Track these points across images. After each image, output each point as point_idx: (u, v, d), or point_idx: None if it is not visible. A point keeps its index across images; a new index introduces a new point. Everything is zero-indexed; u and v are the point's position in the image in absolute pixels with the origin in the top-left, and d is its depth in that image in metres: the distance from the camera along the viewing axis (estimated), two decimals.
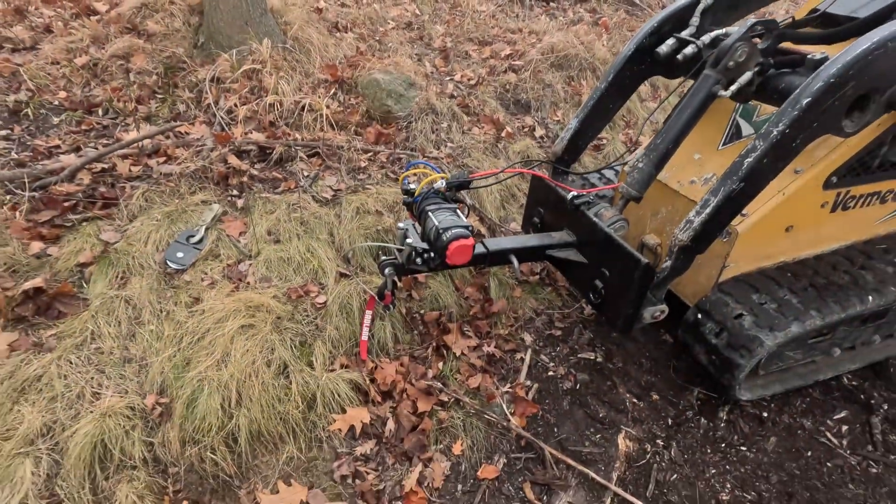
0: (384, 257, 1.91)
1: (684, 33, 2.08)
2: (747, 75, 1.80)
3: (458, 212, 1.91)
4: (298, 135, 2.85)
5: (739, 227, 1.89)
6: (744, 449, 1.95)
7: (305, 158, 2.74)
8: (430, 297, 2.37)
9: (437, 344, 2.22)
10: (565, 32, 4.19)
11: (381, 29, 4.07)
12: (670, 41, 2.06)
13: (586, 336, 2.40)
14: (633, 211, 2.25)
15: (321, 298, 2.14)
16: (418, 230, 1.92)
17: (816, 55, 1.73)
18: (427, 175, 1.99)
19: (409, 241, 1.83)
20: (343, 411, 1.91)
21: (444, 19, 4.48)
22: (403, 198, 2.03)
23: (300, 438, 1.82)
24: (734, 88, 1.80)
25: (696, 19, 2.10)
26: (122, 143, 2.40)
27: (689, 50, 1.97)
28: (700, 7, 2.09)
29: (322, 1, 4.14)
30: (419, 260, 1.85)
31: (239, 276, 2.15)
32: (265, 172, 2.62)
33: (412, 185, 1.99)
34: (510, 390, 2.13)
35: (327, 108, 2.97)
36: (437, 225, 1.80)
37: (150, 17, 3.27)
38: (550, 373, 2.23)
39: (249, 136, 2.72)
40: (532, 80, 3.77)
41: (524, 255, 2.06)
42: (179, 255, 2.12)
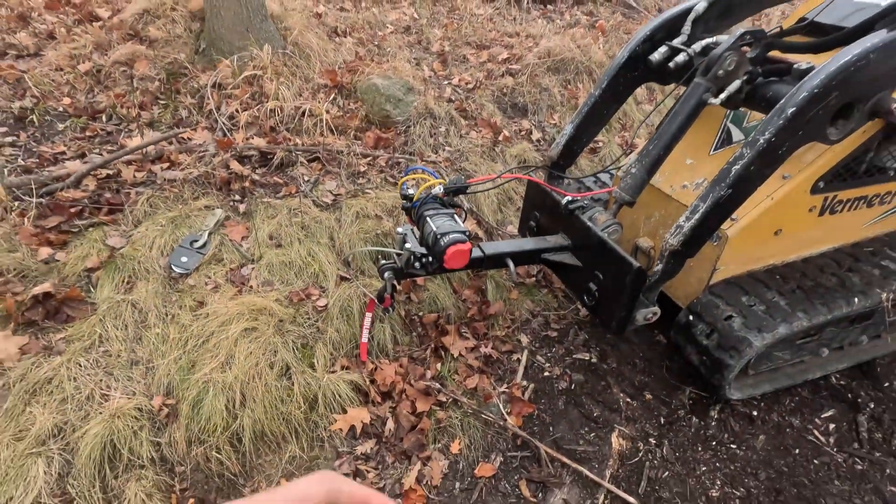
0: (383, 261, 1.96)
1: (676, 41, 2.12)
2: (736, 83, 1.84)
3: (455, 217, 1.96)
4: (299, 140, 2.90)
5: (729, 231, 1.94)
6: (734, 447, 2.00)
7: (306, 163, 2.79)
8: (428, 299, 2.42)
9: (435, 345, 2.27)
10: (562, 36, 4.24)
11: (379, 33, 4.11)
12: (662, 49, 2.10)
13: (581, 337, 2.45)
14: (627, 214, 2.30)
15: (322, 301, 2.19)
16: (417, 235, 1.97)
17: (802, 65, 1.78)
18: (425, 180, 2.04)
19: (407, 246, 1.88)
20: (344, 411, 1.96)
21: (441, 23, 4.52)
22: (402, 203, 2.08)
23: (302, 438, 1.88)
24: (724, 96, 1.84)
25: (687, 28, 2.15)
26: (126, 150, 2.45)
27: (681, 58, 2.02)
28: (691, 16, 2.14)
29: (321, 6, 4.18)
30: (418, 264, 1.90)
31: (242, 279, 2.20)
32: (266, 177, 2.67)
33: (411, 190, 2.03)
34: (507, 390, 2.18)
35: (327, 113, 3.01)
36: (435, 230, 1.85)
37: (151, 23, 3.31)
38: (546, 373, 2.28)
39: (251, 141, 2.77)
40: (529, 84, 3.81)
41: (520, 258, 2.11)
42: (184, 259, 2.17)
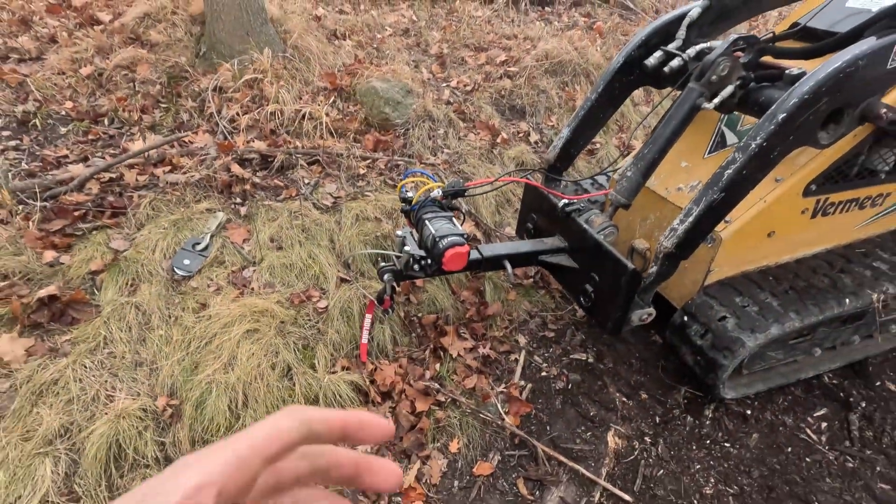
0: (383, 263, 1.99)
1: (671, 46, 2.16)
2: (729, 88, 1.88)
3: (453, 220, 1.99)
4: (299, 143, 2.93)
5: (723, 234, 1.98)
6: (727, 445, 2.04)
7: (306, 166, 2.82)
8: (427, 300, 2.45)
9: (434, 346, 2.30)
10: (559, 38, 4.27)
11: (378, 36, 4.14)
12: (658, 54, 2.14)
13: (578, 338, 2.49)
14: (623, 217, 2.34)
15: (323, 303, 2.23)
16: (416, 237, 2.00)
17: (794, 70, 1.82)
18: (424, 184, 2.08)
19: (407, 249, 1.92)
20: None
21: (440, 25, 4.55)
22: (401, 206, 2.11)
23: None
24: (717, 101, 1.88)
25: (682, 32, 2.18)
26: (129, 154, 2.48)
27: (676, 63, 2.05)
28: (686, 21, 2.17)
29: (320, 8, 4.21)
30: (417, 266, 1.93)
31: (243, 282, 2.23)
32: (267, 180, 2.70)
33: (410, 194, 2.07)
34: (505, 390, 2.21)
35: (327, 115, 3.05)
36: (434, 233, 1.88)
37: (152, 27, 3.34)
38: (543, 373, 2.31)
39: (251, 144, 2.80)
40: (527, 86, 3.84)
41: (518, 260, 2.15)
42: (186, 262, 2.21)
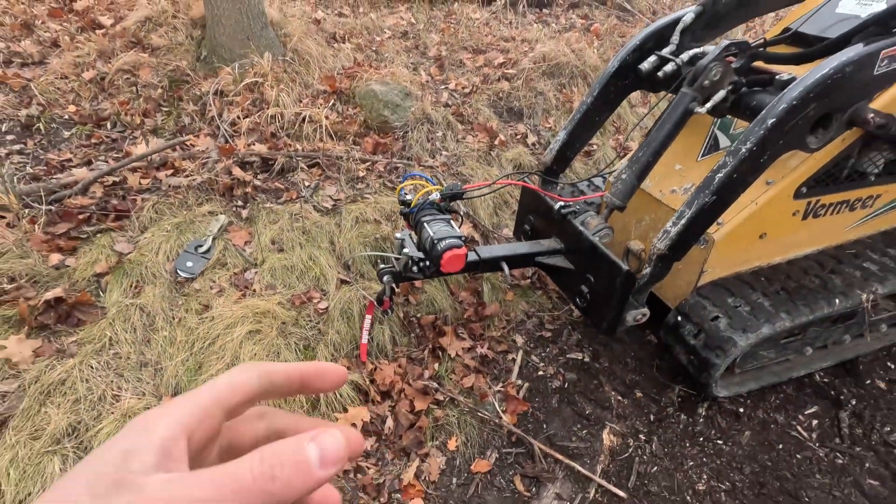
0: (383, 265, 2.03)
1: (665, 51, 2.19)
2: (721, 93, 1.92)
3: (451, 222, 2.03)
4: (299, 145, 2.97)
5: (716, 235, 2.01)
6: (720, 442, 2.08)
7: (306, 169, 2.86)
8: (426, 301, 2.49)
9: (433, 346, 2.34)
10: (557, 41, 4.31)
11: (377, 39, 4.18)
12: (652, 58, 2.17)
13: (575, 337, 2.53)
14: (619, 218, 2.38)
15: (323, 304, 2.27)
16: (415, 240, 2.04)
17: (784, 76, 1.86)
18: (423, 187, 2.12)
19: (405, 251, 1.95)
20: (345, 410, 2.03)
21: (438, 28, 4.59)
22: (400, 208, 2.15)
23: None
24: (709, 106, 1.92)
25: (676, 37, 2.22)
26: (133, 158, 2.52)
27: (669, 67, 2.09)
28: (679, 26, 2.21)
29: (320, 11, 4.25)
30: (415, 268, 1.97)
31: (245, 283, 2.27)
32: (268, 183, 2.74)
33: (408, 196, 2.10)
34: (502, 389, 2.25)
35: (326, 118, 3.08)
36: (432, 235, 1.92)
37: (154, 30, 3.37)
38: (540, 372, 2.36)
39: (252, 147, 2.84)
40: (524, 88, 3.88)
41: (515, 261, 2.18)
42: (189, 264, 2.24)
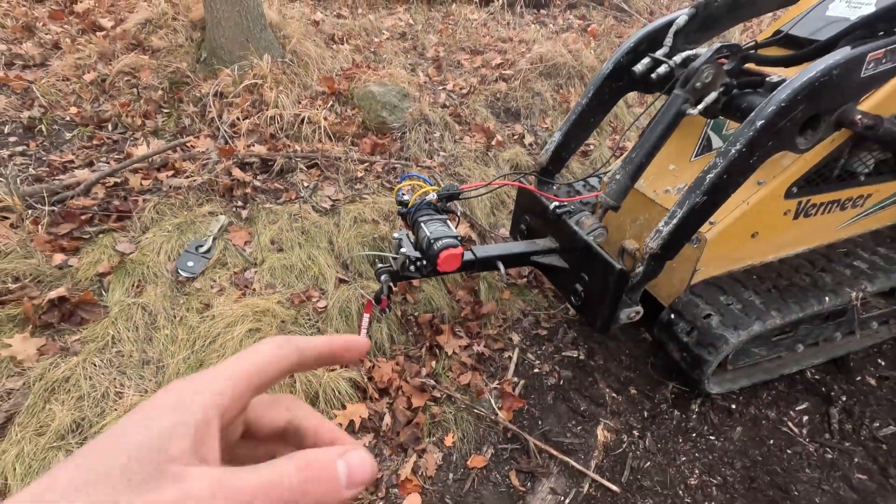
0: (380, 264, 2.06)
1: (658, 53, 2.23)
2: (713, 95, 1.95)
3: (448, 222, 2.06)
4: (298, 146, 3.00)
5: (708, 235, 2.05)
6: (712, 438, 2.12)
7: (305, 169, 2.89)
8: (423, 300, 2.53)
9: (430, 344, 2.38)
10: (554, 41, 4.34)
11: (375, 40, 4.21)
12: (645, 60, 2.20)
13: (570, 335, 2.56)
14: (614, 218, 2.41)
15: (322, 303, 2.30)
16: (412, 239, 2.07)
17: (774, 78, 1.89)
18: (420, 187, 2.15)
19: (403, 251, 1.99)
20: (343, 407, 2.06)
21: (436, 29, 4.62)
22: (398, 208, 2.19)
23: None
24: (701, 107, 1.95)
25: (669, 40, 2.25)
26: (134, 159, 2.55)
27: (662, 69, 2.12)
28: (673, 28, 2.24)
29: (319, 13, 4.28)
30: (413, 267, 2.00)
31: (245, 283, 2.30)
32: (267, 184, 2.77)
33: (406, 197, 2.14)
34: (498, 386, 2.29)
35: (325, 120, 3.12)
36: (429, 235, 1.95)
37: (154, 32, 3.41)
38: (536, 370, 2.39)
39: (252, 148, 2.87)
40: (522, 89, 3.92)
41: (510, 261, 2.22)
42: (190, 264, 2.28)
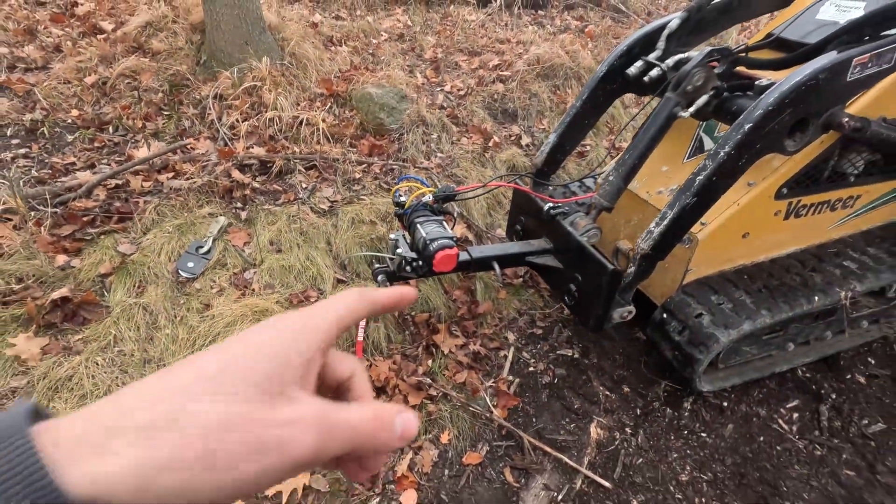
0: (377, 265, 2.09)
1: (651, 56, 2.26)
2: (704, 98, 1.98)
3: (444, 223, 2.09)
4: (296, 148, 3.03)
5: (700, 235, 2.08)
6: (704, 435, 2.15)
7: (304, 171, 2.93)
8: (420, 299, 2.56)
9: (426, 343, 2.41)
10: (551, 43, 4.37)
11: (374, 41, 4.25)
12: (639, 63, 2.23)
13: (565, 334, 2.60)
14: (608, 218, 2.44)
15: None
16: (408, 240, 2.11)
17: (763, 81, 1.92)
18: (417, 188, 2.18)
19: (399, 251, 2.02)
20: None
21: (435, 30, 4.65)
22: (395, 209, 2.22)
23: None
24: (692, 110, 1.98)
25: (661, 43, 2.28)
26: (135, 161, 2.59)
27: (655, 72, 2.15)
28: (665, 32, 2.27)
29: (317, 15, 4.31)
30: (409, 268, 2.04)
31: (245, 283, 2.34)
32: (266, 185, 2.81)
33: (403, 198, 2.17)
34: (493, 385, 2.32)
35: (323, 121, 3.15)
36: (425, 236, 1.99)
37: (154, 35, 3.44)
38: (531, 368, 2.43)
39: (251, 150, 2.91)
40: (519, 90, 3.95)
41: (506, 261, 2.25)
42: (190, 264, 2.32)
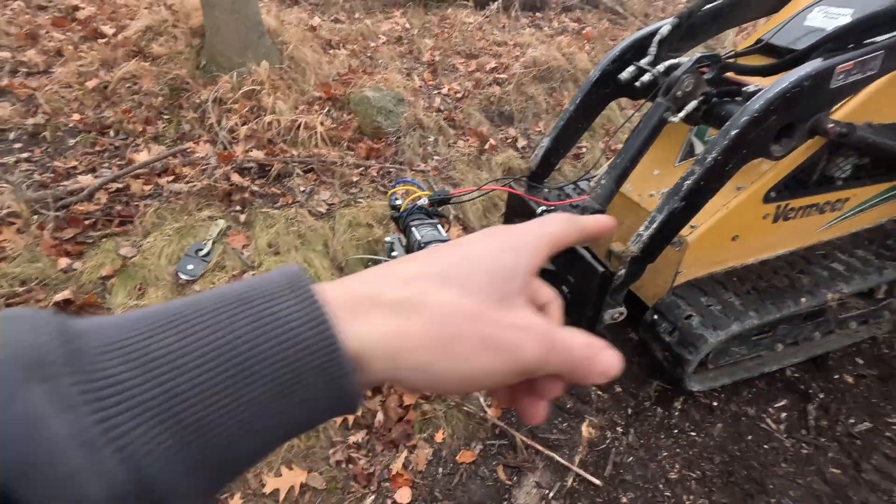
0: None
1: (643, 61, 2.29)
2: (693, 103, 2.02)
3: (438, 227, 2.13)
4: (295, 151, 3.08)
5: (689, 238, 2.12)
6: (693, 434, 2.19)
7: (302, 174, 2.97)
8: None
9: None
10: (548, 45, 4.41)
11: (372, 45, 4.29)
12: (630, 68, 2.27)
13: None
14: None
15: None
16: (403, 243, 2.15)
17: (751, 87, 1.96)
18: (412, 192, 2.23)
19: (394, 254, 2.07)
20: None
21: (433, 33, 4.69)
22: (391, 213, 2.27)
23: None
24: (682, 115, 2.02)
25: (653, 48, 2.32)
26: (136, 165, 2.64)
27: (646, 78, 2.19)
28: (657, 37, 2.31)
29: (316, 18, 4.35)
30: None
31: None
32: (265, 188, 2.85)
33: (398, 201, 2.21)
34: None
35: (321, 125, 3.19)
36: (420, 239, 2.02)
37: (154, 40, 3.48)
38: None
39: (250, 154, 2.95)
40: (515, 93, 3.99)
41: None
42: (190, 267, 2.36)
